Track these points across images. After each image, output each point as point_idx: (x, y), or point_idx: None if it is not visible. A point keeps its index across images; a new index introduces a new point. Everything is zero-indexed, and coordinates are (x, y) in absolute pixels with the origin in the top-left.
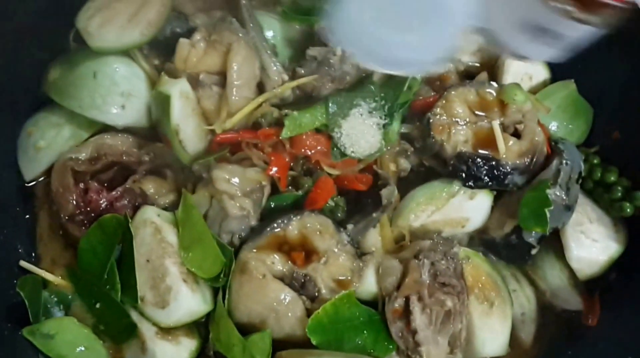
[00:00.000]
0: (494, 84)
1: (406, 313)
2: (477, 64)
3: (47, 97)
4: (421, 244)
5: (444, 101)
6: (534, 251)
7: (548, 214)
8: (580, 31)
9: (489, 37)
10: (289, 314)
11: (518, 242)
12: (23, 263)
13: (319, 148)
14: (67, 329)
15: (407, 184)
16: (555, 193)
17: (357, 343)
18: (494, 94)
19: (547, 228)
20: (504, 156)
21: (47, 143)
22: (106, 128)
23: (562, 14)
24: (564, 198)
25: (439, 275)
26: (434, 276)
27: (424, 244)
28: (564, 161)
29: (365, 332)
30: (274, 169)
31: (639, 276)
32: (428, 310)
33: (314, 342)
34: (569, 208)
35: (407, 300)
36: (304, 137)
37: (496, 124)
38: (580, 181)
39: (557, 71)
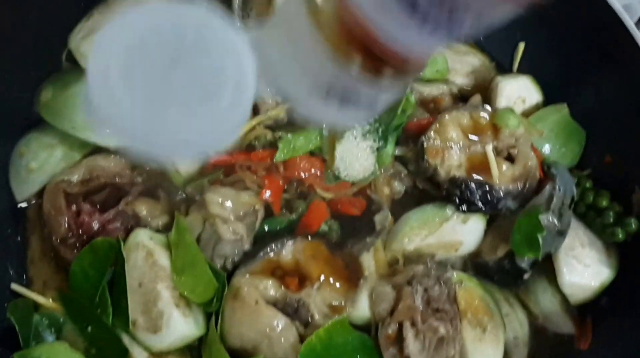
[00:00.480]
0: (488, 107)
1: (399, 338)
2: (471, 86)
3: (39, 117)
4: (415, 269)
5: (437, 125)
6: (526, 276)
7: (541, 240)
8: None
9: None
10: (282, 340)
11: (511, 266)
12: (14, 286)
13: (312, 171)
14: (58, 354)
15: (400, 206)
16: (548, 219)
17: None
18: (487, 117)
19: (540, 254)
20: (498, 180)
21: (39, 164)
22: (98, 149)
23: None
24: (557, 223)
25: (432, 301)
26: (427, 302)
27: (418, 269)
28: (557, 187)
29: (358, 357)
30: (268, 193)
31: (629, 301)
32: (421, 336)
33: None
34: (562, 234)
35: (401, 325)
36: (298, 160)
37: (489, 148)
38: (572, 206)
39: (550, 94)
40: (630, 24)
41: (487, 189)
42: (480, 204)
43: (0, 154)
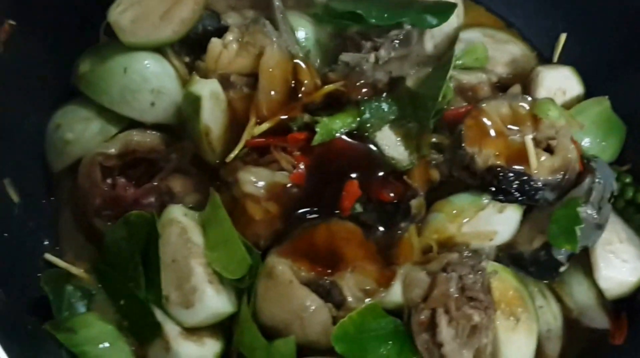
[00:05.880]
0: (528, 97)
1: (432, 325)
2: (510, 76)
3: (74, 89)
4: (449, 257)
5: (476, 113)
6: (562, 269)
7: (578, 233)
8: None
9: None
10: (314, 321)
11: (546, 258)
12: (48, 256)
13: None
14: (91, 325)
15: (435, 194)
16: (586, 212)
17: (382, 353)
18: (527, 108)
19: (577, 246)
20: (536, 171)
21: (76, 137)
22: (134, 124)
23: None
24: (595, 216)
25: (467, 289)
26: (462, 289)
27: (452, 257)
28: (597, 180)
29: (390, 342)
30: (302, 173)
31: None
32: (455, 323)
33: (338, 351)
34: (600, 227)
35: (434, 312)
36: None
37: (529, 139)
38: (612, 200)
39: (591, 87)
40: None
41: (525, 179)
42: (517, 194)
43: (37, 125)
